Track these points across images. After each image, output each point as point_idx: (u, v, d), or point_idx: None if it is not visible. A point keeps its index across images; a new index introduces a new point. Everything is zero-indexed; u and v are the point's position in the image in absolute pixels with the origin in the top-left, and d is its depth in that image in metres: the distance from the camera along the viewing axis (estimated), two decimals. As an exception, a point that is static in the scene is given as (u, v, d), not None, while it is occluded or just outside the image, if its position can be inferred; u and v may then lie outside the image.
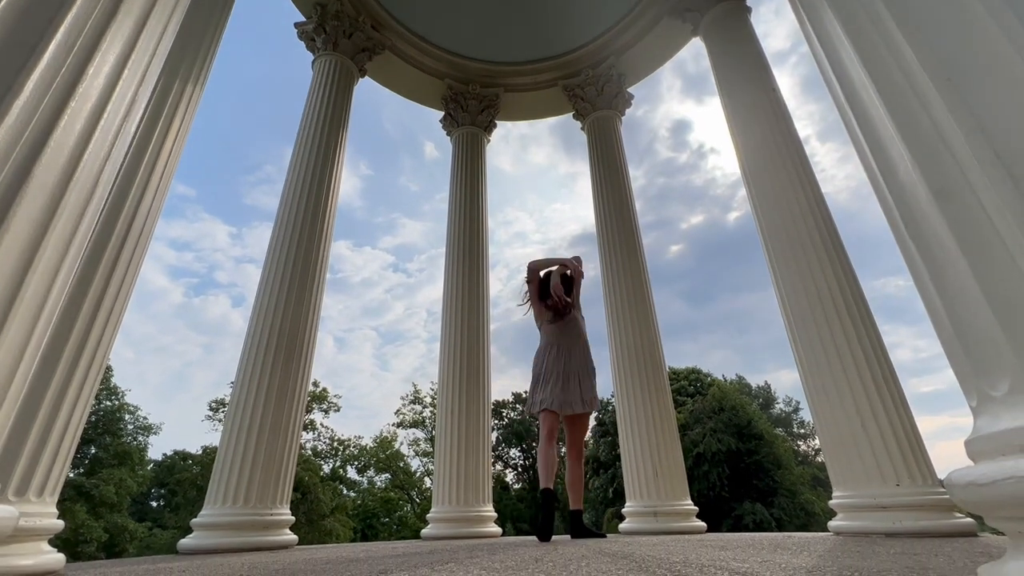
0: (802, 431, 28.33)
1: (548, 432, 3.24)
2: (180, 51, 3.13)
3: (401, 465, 26.03)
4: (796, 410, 29.13)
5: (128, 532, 19.53)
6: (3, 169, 0.92)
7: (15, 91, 0.96)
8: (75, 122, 1.10)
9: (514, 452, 28.57)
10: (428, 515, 4.44)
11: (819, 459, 24.19)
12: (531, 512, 26.28)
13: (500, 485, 26.31)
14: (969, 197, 0.67)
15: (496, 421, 28.10)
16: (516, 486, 27.77)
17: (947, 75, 0.71)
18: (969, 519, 2.63)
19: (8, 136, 0.94)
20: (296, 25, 5.58)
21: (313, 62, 5.38)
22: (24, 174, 0.96)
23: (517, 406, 29.10)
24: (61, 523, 2.09)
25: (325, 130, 4.77)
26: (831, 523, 2.98)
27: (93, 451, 20.93)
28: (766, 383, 30.49)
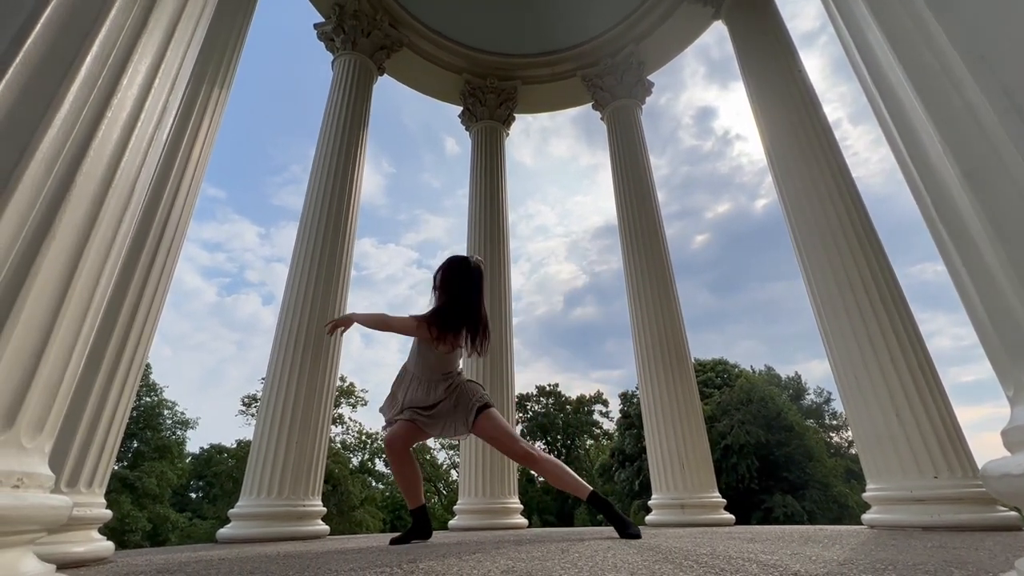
0: (834, 422, 27.59)
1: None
2: (206, 57, 3.22)
3: (428, 458, 26.46)
4: (828, 401, 28.36)
5: (170, 522, 20.41)
6: (48, 179, 0.98)
7: (56, 104, 1.01)
8: (112, 132, 1.15)
9: (539, 445, 28.70)
10: (455, 507, 4.51)
11: (852, 451, 23.53)
12: (556, 505, 26.38)
13: (526, 477, 26.47)
14: (1003, 180, 0.65)
15: (520, 414, 28.24)
16: (541, 479, 27.89)
17: (980, 53, 0.68)
18: (1013, 512, 2.54)
19: (51, 147, 0.99)
20: (315, 26, 5.66)
21: (333, 62, 5.46)
22: (67, 185, 1.02)
23: (541, 399, 29.18)
24: (109, 513, 2.20)
25: (346, 128, 4.84)
26: (865, 516, 2.92)
27: (135, 445, 21.90)
28: (796, 374, 29.77)
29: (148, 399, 22.96)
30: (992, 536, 2.11)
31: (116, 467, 18.58)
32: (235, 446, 23.02)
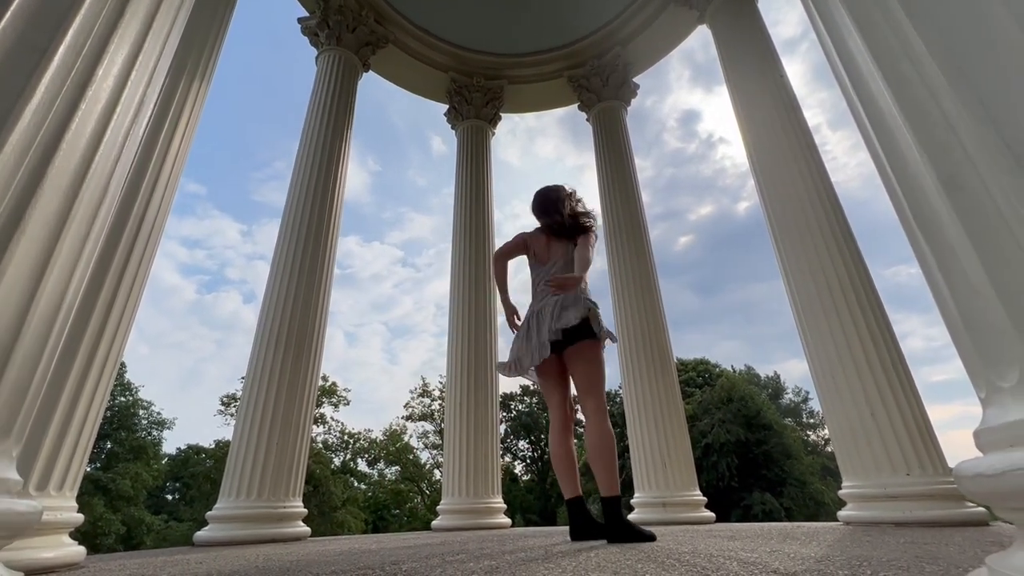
0: (812, 421, 28.21)
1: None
2: (185, 49, 3.14)
3: (411, 457, 26.27)
4: (805, 400, 28.99)
5: (145, 525, 19.92)
6: (17, 173, 0.94)
7: (27, 95, 0.97)
8: (86, 125, 1.12)
9: (522, 444, 28.74)
10: (438, 507, 4.49)
11: (829, 449, 24.08)
12: (540, 504, 26.46)
13: (509, 477, 26.51)
14: (978, 187, 0.67)
15: (504, 413, 28.25)
16: (525, 477, 27.98)
17: (957, 65, 0.70)
18: (981, 508, 2.63)
19: (21, 140, 0.95)
20: (300, 20, 5.57)
21: (317, 57, 5.38)
22: (38, 178, 0.98)
23: (525, 398, 29.21)
24: (81, 516, 2.14)
25: (330, 125, 4.77)
26: (841, 513, 2.99)
27: (109, 446, 21.32)
28: (775, 373, 30.38)
29: (123, 399, 22.37)
30: (961, 532, 2.18)
31: (88, 469, 18.07)
32: (213, 446, 22.56)
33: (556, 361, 2.37)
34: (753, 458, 20.45)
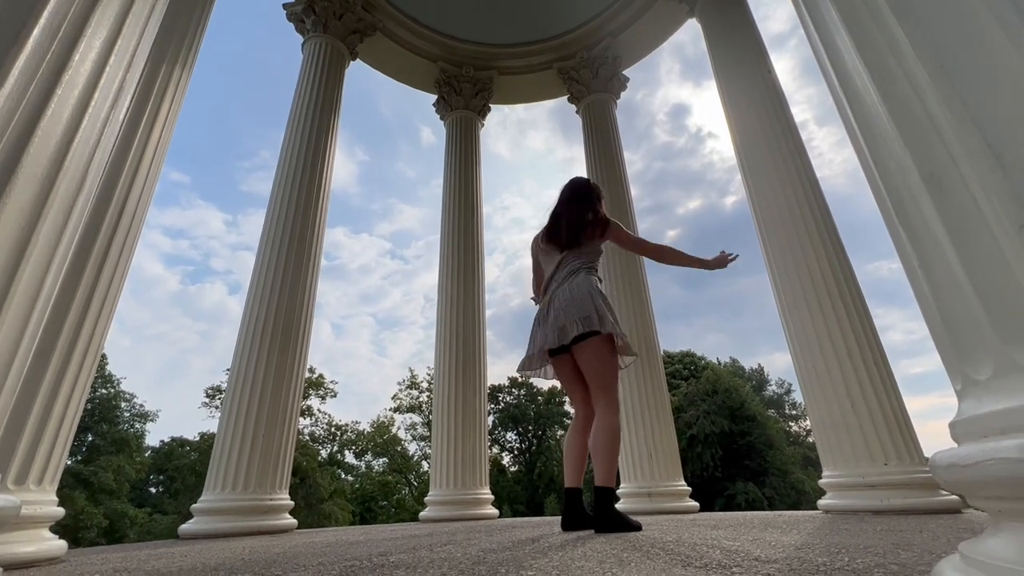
0: (794, 412, 28.73)
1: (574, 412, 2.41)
2: (166, 34, 3.06)
3: (399, 449, 26.29)
4: (788, 392, 29.49)
5: (128, 518, 19.70)
6: (-9, 159, 0.91)
7: (-1, 79, 0.94)
8: (62, 111, 1.08)
9: (510, 435, 28.89)
10: (426, 498, 4.51)
11: (810, 439, 24.59)
12: (527, 495, 26.71)
13: (497, 468, 26.66)
14: (958, 185, 0.68)
15: (492, 405, 28.32)
16: (512, 469, 28.16)
17: (940, 63, 0.71)
18: (954, 496, 2.71)
19: (-6, 125, 0.92)
20: (285, 6, 5.45)
21: (303, 44, 5.28)
22: (12, 165, 0.95)
23: (513, 390, 29.31)
24: (61, 510, 2.11)
25: (316, 114, 4.70)
26: (820, 502, 3.06)
27: (90, 439, 21.00)
28: (759, 365, 30.80)
29: (104, 391, 21.99)
30: (936, 519, 2.25)
31: (69, 462, 17.79)
32: (198, 439, 22.32)
33: (568, 358, 2.29)
34: (737, 449, 20.83)
